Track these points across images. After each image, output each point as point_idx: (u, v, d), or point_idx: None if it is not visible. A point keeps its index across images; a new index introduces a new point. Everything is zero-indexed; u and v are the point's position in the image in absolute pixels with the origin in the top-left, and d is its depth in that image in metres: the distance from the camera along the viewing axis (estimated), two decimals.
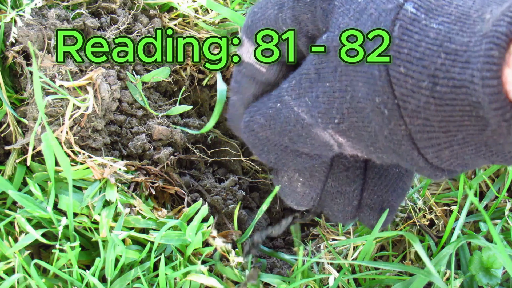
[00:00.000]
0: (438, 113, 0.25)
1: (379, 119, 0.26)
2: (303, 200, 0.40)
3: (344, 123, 0.28)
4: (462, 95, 0.24)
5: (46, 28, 0.75)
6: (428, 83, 0.24)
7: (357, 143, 0.29)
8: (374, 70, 0.26)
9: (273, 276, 0.74)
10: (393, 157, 0.29)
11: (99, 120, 0.74)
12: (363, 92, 0.26)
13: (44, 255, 0.74)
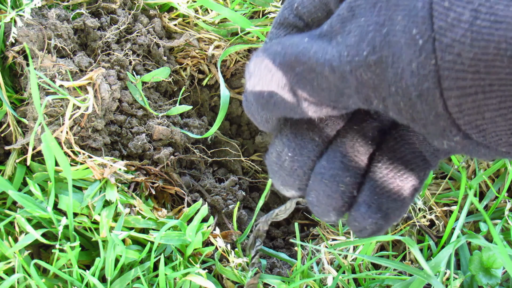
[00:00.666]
0: (471, 48, 0.24)
1: (411, 52, 0.25)
2: (289, 179, 0.37)
3: (373, 56, 0.27)
4: (501, 31, 0.23)
5: (46, 28, 0.75)
6: (469, 17, 0.24)
7: (379, 82, 0.28)
8: (418, 2, 0.26)
9: (273, 276, 0.74)
10: (412, 103, 0.27)
11: (99, 120, 0.74)
12: (401, 25, 0.26)
13: (44, 255, 0.74)
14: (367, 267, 0.76)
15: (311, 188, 0.36)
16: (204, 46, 0.92)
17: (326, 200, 0.34)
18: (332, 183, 0.34)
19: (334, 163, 0.34)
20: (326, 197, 0.34)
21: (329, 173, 0.34)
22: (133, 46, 0.84)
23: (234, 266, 0.71)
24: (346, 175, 0.34)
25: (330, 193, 0.34)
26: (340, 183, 0.34)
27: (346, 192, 0.35)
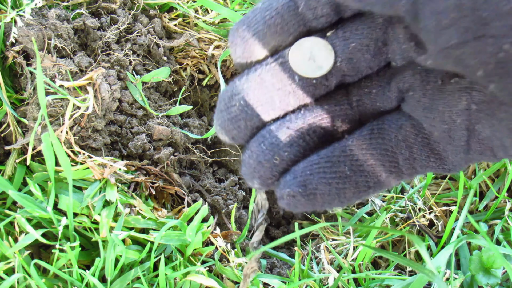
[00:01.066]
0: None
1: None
2: (229, 124, 0.33)
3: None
4: None
5: (46, 28, 0.75)
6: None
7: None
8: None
9: (273, 276, 0.74)
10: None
11: (99, 120, 0.74)
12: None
13: (44, 255, 0.74)
14: (367, 267, 0.76)
15: (249, 147, 0.33)
16: (204, 46, 0.92)
17: (256, 166, 0.32)
18: (269, 152, 0.31)
19: (280, 132, 0.32)
20: (257, 163, 0.32)
21: (270, 141, 0.32)
22: (133, 46, 0.84)
23: (234, 266, 0.71)
24: (287, 150, 0.32)
25: (262, 161, 0.32)
26: (276, 155, 0.31)
27: (278, 167, 0.32)
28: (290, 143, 0.31)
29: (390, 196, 0.85)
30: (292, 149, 0.32)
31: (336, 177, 0.30)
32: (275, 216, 0.98)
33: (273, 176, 0.32)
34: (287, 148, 0.31)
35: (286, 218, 1.00)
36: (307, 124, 0.32)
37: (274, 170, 0.32)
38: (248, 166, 0.32)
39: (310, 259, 0.75)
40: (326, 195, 0.31)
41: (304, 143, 0.32)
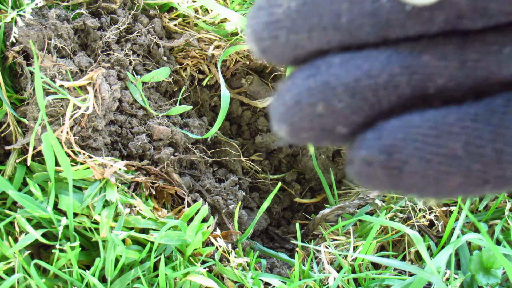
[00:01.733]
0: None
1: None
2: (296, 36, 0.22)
3: None
4: None
5: (46, 28, 0.75)
6: None
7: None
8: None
9: (273, 276, 0.74)
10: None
11: (99, 120, 0.74)
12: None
13: (44, 255, 0.74)
14: (367, 267, 0.76)
15: (294, 77, 0.23)
16: (204, 46, 0.92)
17: (343, 106, 0.22)
18: (320, 95, 0.22)
19: (345, 70, 0.22)
20: (349, 100, 0.21)
21: (327, 79, 0.22)
22: (133, 46, 0.84)
23: (235, 266, 0.71)
24: (347, 103, 0.22)
25: (303, 105, 0.22)
26: (325, 103, 0.22)
27: (376, 106, 0.22)
28: (353, 93, 0.22)
29: (390, 196, 0.86)
30: (354, 103, 0.22)
31: (440, 154, 0.21)
32: (275, 216, 0.98)
33: (365, 119, 0.22)
34: (348, 99, 0.22)
35: (286, 218, 1.00)
36: (390, 72, 0.22)
37: (371, 111, 0.22)
38: (326, 106, 0.22)
39: (310, 260, 0.75)
40: (418, 176, 0.22)
41: (374, 99, 0.22)
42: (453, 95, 0.22)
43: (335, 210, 0.86)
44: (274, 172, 1.01)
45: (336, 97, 0.22)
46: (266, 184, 0.98)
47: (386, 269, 0.77)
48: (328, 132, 0.23)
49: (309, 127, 0.23)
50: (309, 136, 0.23)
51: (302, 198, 0.99)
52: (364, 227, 0.82)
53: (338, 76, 0.22)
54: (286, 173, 1.01)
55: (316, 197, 0.99)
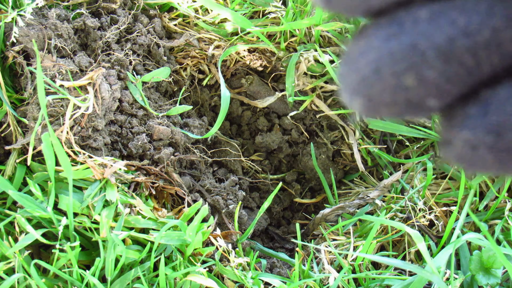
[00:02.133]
0: None
1: None
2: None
3: None
4: None
5: (46, 28, 0.75)
6: None
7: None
8: None
9: (273, 276, 0.74)
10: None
11: (99, 120, 0.74)
12: None
13: (44, 255, 0.74)
14: (367, 267, 0.76)
15: (419, 32, 0.17)
16: (204, 46, 0.92)
17: (435, 75, 0.17)
18: (471, 48, 0.16)
19: (438, 26, 0.17)
20: (442, 66, 0.17)
21: (414, 37, 0.17)
22: (133, 46, 0.84)
23: (235, 266, 0.71)
24: (446, 69, 0.17)
25: (454, 65, 0.17)
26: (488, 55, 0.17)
27: (476, 72, 0.17)
28: (447, 57, 0.17)
29: (390, 196, 0.86)
30: (448, 69, 0.17)
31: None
32: (275, 216, 0.98)
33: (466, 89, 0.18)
34: (441, 66, 0.17)
35: (286, 218, 1.00)
36: (493, 26, 0.17)
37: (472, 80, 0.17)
38: (358, 76, 0.18)
39: (310, 260, 0.75)
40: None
41: (473, 63, 0.17)
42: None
43: (335, 210, 0.86)
44: (274, 172, 1.01)
45: (427, 64, 0.17)
46: (266, 184, 0.98)
47: (386, 269, 0.77)
48: (415, 105, 0.18)
49: (392, 101, 0.18)
50: (390, 111, 0.19)
51: (302, 198, 0.99)
52: (364, 227, 0.82)
53: (428, 35, 0.17)
54: (286, 173, 1.01)
55: (316, 197, 0.99)
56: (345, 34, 0.92)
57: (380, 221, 0.71)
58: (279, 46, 0.92)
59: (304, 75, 0.93)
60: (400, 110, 0.19)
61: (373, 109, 0.19)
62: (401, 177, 0.87)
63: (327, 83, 0.95)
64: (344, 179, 0.99)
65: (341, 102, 0.96)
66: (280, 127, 1.00)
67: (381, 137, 0.96)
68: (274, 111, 1.01)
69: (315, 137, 1.00)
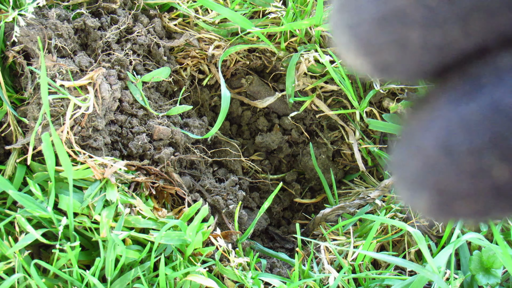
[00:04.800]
0: None
1: None
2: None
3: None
4: None
5: (47, 28, 0.75)
6: None
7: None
8: None
9: (273, 276, 0.74)
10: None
11: (99, 120, 0.74)
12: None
13: (44, 255, 0.74)
14: (367, 267, 0.76)
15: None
16: (204, 46, 0.92)
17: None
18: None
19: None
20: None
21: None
22: (133, 46, 0.84)
23: (235, 266, 0.71)
24: None
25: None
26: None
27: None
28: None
29: (390, 196, 0.86)
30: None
31: None
32: (275, 216, 0.98)
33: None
34: None
35: (286, 218, 1.00)
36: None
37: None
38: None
39: (310, 260, 0.75)
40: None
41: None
42: None
43: (335, 210, 0.86)
44: (274, 172, 1.01)
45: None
46: (266, 184, 0.98)
47: (386, 269, 0.77)
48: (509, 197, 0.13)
49: (473, 192, 0.14)
50: (471, 207, 0.14)
51: (302, 198, 0.99)
52: (364, 227, 0.82)
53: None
54: (286, 173, 1.01)
55: (316, 197, 0.99)
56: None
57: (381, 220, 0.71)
58: (279, 46, 0.92)
59: (304, 76, 0.93)
60: (486, 205, 0.14)
61: (447, 206, 0.14)
62: None
63: (327, 83, 0.95)
64: (344, 179, 0.99)
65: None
66: (280, 127, 1.00)
67: (381, 137, 0.96)
68: (274, 111, 1.01)
69: (315, 137, 1.00)
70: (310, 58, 0.89)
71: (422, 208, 0.14)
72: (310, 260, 0.75)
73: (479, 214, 0.14)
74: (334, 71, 0.88)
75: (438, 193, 0.14)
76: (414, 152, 0.14)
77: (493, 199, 0.13)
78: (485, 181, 0.13)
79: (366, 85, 0.95)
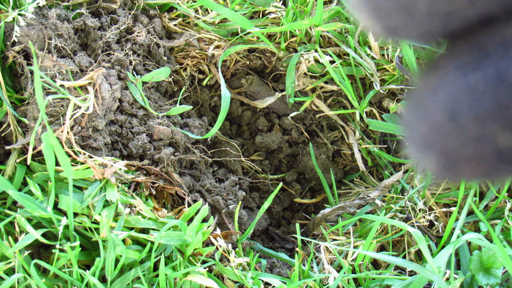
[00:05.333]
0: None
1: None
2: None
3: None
4: None
5: (47, 28, 0.75)
6: None
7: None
8: None
9: (273, 276, 0.74)
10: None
11: (99, 120, 0.74)
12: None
13: (44, 255, 0.74)
14: (367, 267, 0.76)
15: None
16: (204, 46, 0.92)
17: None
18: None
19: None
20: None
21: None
22: (133, 46, 0.84)
23: (235, 266, 0.71)
24: None
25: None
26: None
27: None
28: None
29: (390, 197, 0.86)
30: None
31: None
32: (275, 216, 0.98)
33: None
34: None
35: (286, 218, 1.00)
36: None
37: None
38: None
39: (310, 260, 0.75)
40: None
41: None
42: None
43: (335, 210, 0.86)
44: (274, 172, 1.01)
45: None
46: (266, 184, 0.98)
47: (386, 269, 0.77)
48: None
49: (478, 156, 0.14)
50: (477, 169, 0.14)
51: (302, 198, 0.99)
52: (364, 227, 0.82)
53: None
54: (286, 173, 1.01)
55: (316, 197, 0.99)
56: (345, 34, 0.92)
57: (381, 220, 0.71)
58: (279, 46, 0.92)
59: (304, 76, 0.93)
60: (488, 168, 0.14)
61: (453, 169, 0.15)
62: (401, 177, 0.87)
63: (327, 83, 0.95)
64: (344, 179, 0.99)
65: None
66: (280, 127, 1.00)
67: (381, 137, 0.96)
68: (274, 111, 1.01)
69: (315, 137, 1.00)
70: (310, 58, 0.89)
71: (430, 168, 0.15)
72: (310, 260, 0.75)
73: (482, 176, 0.15)
74: (334, 71, 0.87)
75: (444, 155, 0.14)
76: (422, 116, 0.14)
77: (495, 162, 0.14)
78: (487, 147, 0.13)
79: (366, 85, 0.95)
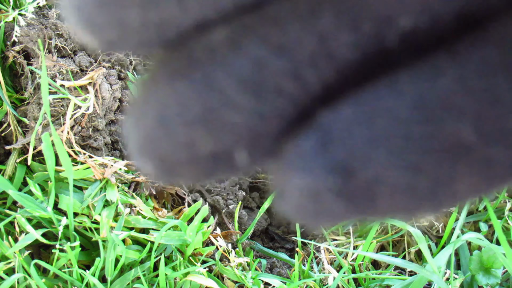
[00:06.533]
0: None
1: None
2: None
3: None
4: None
5: (47, 27, 0.75)
6: None
7: None
8: None
9: (273, 276, 0.74)
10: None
11: (100, 120, 0.74)
12: None
13: (44, 255, 0.74)
14: (367, 267, 0.76)
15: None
16: None
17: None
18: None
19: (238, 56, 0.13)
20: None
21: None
22: None
23: (235, 266, 0.71)
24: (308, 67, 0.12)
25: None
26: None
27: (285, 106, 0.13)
28: (256, 86, 0.13)
29: None
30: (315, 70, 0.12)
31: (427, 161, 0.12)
32: (275, 216, 0.98)
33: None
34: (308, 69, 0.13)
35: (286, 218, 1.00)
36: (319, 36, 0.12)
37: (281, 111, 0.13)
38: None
39: (310, 260, 0.75)
40: (397, 197, 0.13)
41: (295, 88, 0.13)
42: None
43: None
44: None
45: (228, 105, 0.13)
46: (266, 184, 0.98)
47: (386, 269, 0.77)
48: (224, 161, 0.14)
49: (191, 159, 0.14)
50: (193, 172, 0.15)
51: None
52: (364, 227, 0.82)
53: (226, 64, 0.13)
54: None
55: None
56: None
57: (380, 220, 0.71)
58: None
59: None
60: (207, 170, 0.14)
61: (170, 172, 0.15)
62: None
63: None
64: None
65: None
66: None
67: None
68: None
69: None
70: None
71: (150, 174, 0.15)
72: (310, 260, 0.75)
73: (203, 176, 0.15)
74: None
75: (160, 161, 0.14)
76: (136, 124, 0.14)
77: (212, 163, 0.14)
78: (197, 150, 0.14)
79: None
